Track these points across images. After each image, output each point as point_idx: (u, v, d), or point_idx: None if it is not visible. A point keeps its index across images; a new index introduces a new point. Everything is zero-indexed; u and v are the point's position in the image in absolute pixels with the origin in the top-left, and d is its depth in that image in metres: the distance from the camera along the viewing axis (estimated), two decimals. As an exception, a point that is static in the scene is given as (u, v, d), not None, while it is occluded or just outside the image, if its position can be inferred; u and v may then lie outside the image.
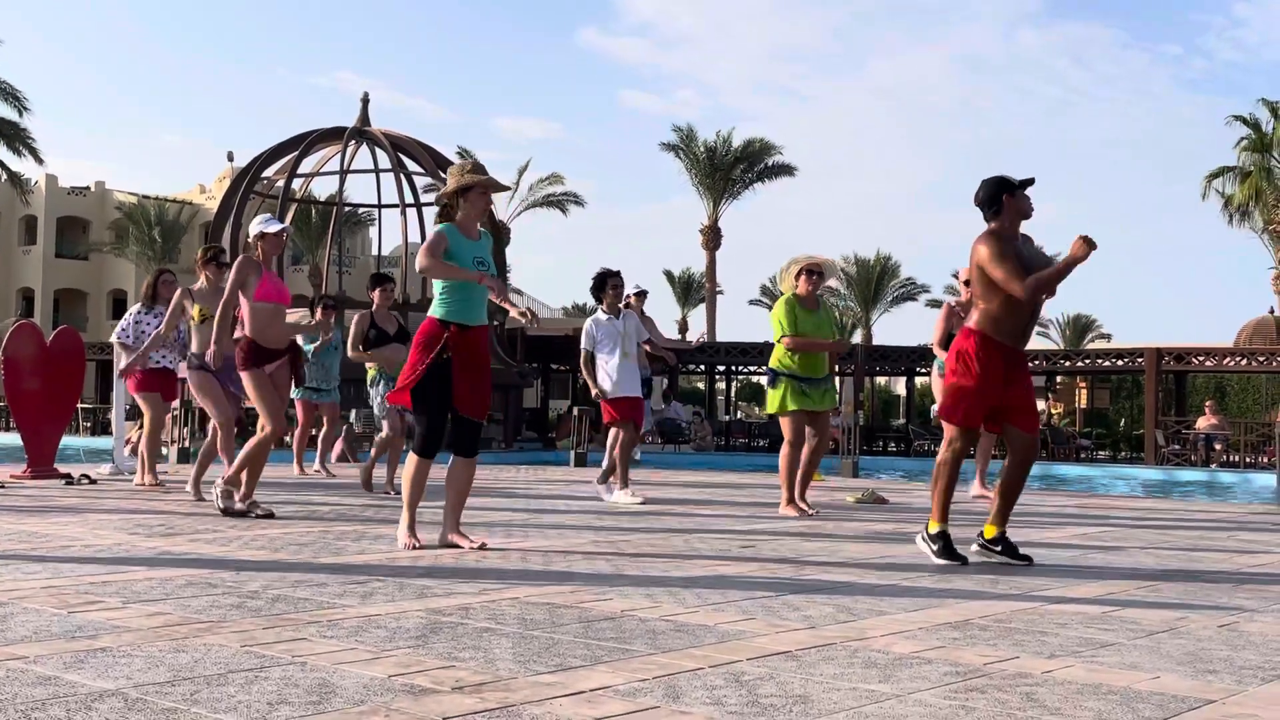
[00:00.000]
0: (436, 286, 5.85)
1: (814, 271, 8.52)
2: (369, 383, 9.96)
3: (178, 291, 9.20)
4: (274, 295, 7.57)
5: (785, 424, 8.51)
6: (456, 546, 5.94)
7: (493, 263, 5.97)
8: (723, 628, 3.85)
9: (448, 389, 5.78)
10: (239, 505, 7.44)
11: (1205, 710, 2.89)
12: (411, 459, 5.95)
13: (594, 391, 9.61)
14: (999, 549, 5.80)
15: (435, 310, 5.84)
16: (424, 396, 5.80)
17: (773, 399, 8.55)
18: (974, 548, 5.91)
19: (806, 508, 8.57)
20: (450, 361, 5.76)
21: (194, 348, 8.88)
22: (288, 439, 13.82)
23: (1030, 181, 5.81)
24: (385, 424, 9.75)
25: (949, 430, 5.88)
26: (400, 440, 9.87)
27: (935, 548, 5.79)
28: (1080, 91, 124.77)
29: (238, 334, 7.77)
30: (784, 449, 8.52)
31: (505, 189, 6.41)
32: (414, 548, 5.85)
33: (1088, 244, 5.46)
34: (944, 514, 5.83)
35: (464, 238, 5.85)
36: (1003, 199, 5.76)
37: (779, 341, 8.47)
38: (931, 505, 5.88)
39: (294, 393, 11.15)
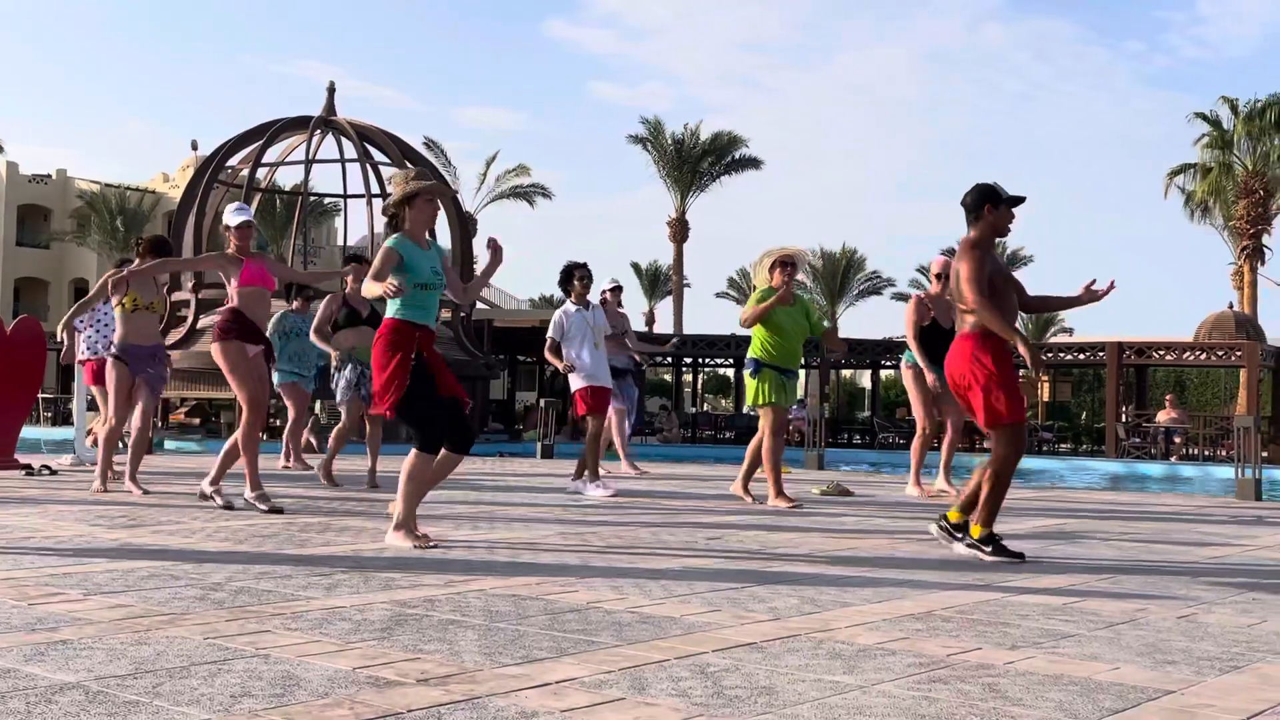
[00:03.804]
0: None
1: (787, 263, 8.60)
2: (335, 365, 9.81)
3: (110, 271, 8.82)
4: (258, 280, 7.52)
5: (766, 414, 8.59)
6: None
7: (444, 270, 5.84)
8: (688, 619, 3.86)
9: (431, 383, 5.62)
10: (207, 489, 7.42)
11: (1164, 701, 2.92)
12: (414, 455, 5.66)
13: (563, 366, 9.60)
14: (960, 536, 5.86)
15: (399, 313, 5.65)
16: (410, 400, 5.58)
17: (754, 390, 8.61)
18: (934, 529, 6.02)
19: (748, 496, 8.77)
20: (426, 361, 5.65)
21: (118, 337, 8.65)
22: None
23: (1020, 200, 5.84)
24: (344, 411, 9.67)
25: (1000, 434, 5.71)
26: (352, 430, 9.78)
27: (988, 549, 5.68)
28: (1044, 86, 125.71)
29: (215, 316, 7.73)
30: (768, 441, 8.59)
31: (450, 193, 6.38)
32: (421, 547, 5.56)
33: (1035, 369, 5.65)
34: (991, 519, 5.73)
35: (417, 248, 5.72)
36: (984, 209, 5.80)
37: (746, 325, 8.55)
38: (979, 512, 5.74)
39: (277, 378, 11.01)
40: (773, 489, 8.59)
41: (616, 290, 11.95)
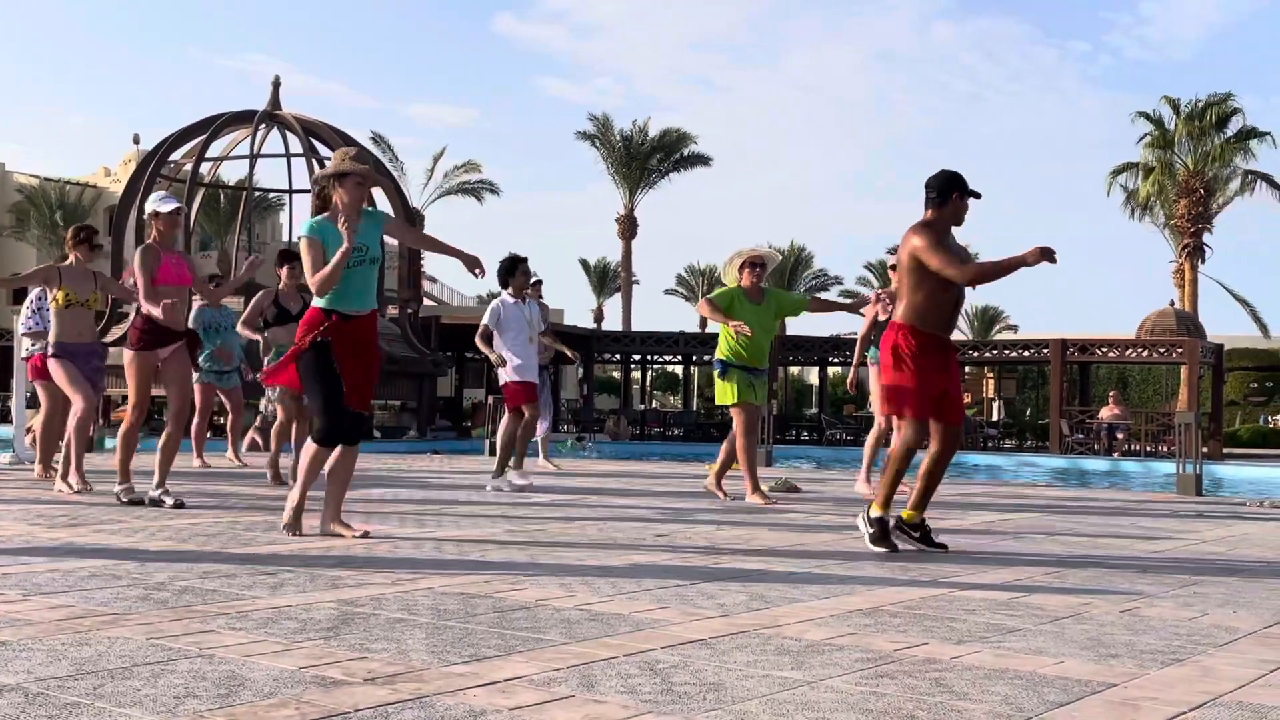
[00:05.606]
0: None
1: (756, 264, 8.76)
2: (267, 363, 9.70)
3: (46, 264, 8.64)
4: (174, 278, 7.40)
5: (738, 414, 8.73)
6: (338, 536, 5.87)
7: (376, 244, 5.88)
8: (637, 616, 3.86)
9: (333, 375, 5.72)
10: (154, 494, 7.33)
11: (1107, 693, 2.96)
12: (310, 446, 5.88)
13: (494, 358, 9.61)
14: (917, 535, 5.91)
15: (317, 300, 5.80)
16: (316, 382, 5.74)
17: (724, 390, 8.75)
18: (891, 524, 6.07)
19: (723, 494, 8.88)
20: (330, 348, 5.70)
21: (53, 335, 8.46)
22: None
23: (977, 195, 5.93)
24: (279, 408, 9.54)
25: (900, 424, 5.95)
26: (291, 425, 9.64)
27: (871, 531, 5.89)
28: (991, 86, 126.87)
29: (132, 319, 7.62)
30: (741, 439, 8.72)
31: (382, 183, 6.43)
32: (296, 535, 5.89)
33: (1044, 256, 5.53)
34: (887, 502, 5.93)
35: (332, 228, 5.75)
36: (952, 195, 5.86)
37: (723, 324, 8.62)
38: (879, 490, 6.00)
39: (195, 376, 10.87)
40: (749, 485, 8.72)
41: (537, 284, 12.05)
